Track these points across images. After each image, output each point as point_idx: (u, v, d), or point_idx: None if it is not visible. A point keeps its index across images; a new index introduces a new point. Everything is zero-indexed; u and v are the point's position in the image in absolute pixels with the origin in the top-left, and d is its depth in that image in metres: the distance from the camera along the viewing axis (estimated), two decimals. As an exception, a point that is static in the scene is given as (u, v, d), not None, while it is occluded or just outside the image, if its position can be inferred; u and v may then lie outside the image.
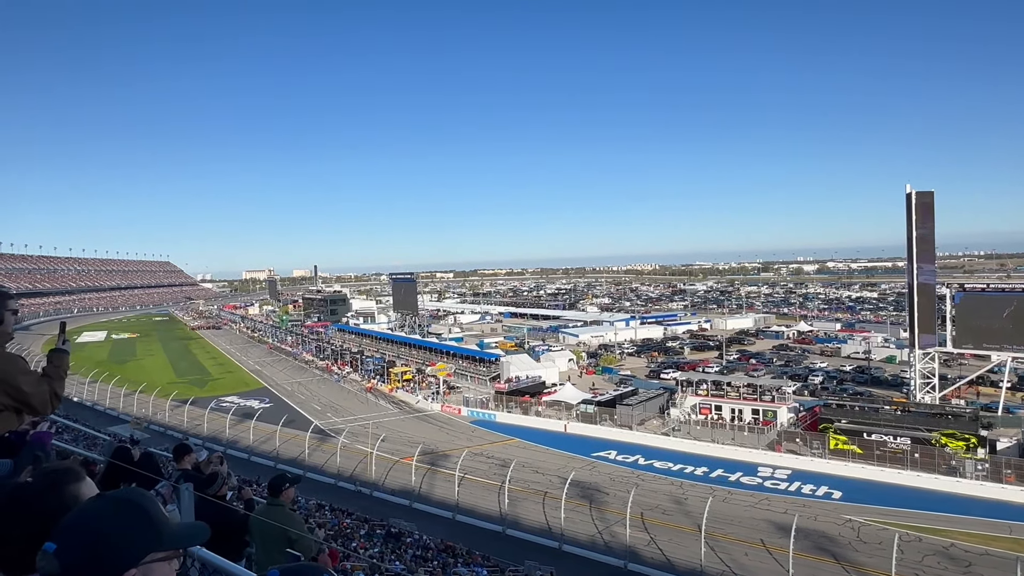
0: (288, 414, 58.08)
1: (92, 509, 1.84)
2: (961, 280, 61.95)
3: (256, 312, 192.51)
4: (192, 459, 7.51)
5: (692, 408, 55.59)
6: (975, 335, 53.74)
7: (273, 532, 5.80)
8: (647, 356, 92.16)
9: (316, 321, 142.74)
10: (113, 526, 1.76)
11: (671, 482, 41.22)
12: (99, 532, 1.75)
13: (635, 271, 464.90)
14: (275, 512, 6.14)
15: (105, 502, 1.86)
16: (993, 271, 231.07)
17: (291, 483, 6.46)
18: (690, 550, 29.21)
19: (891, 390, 62.61)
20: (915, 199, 53.24)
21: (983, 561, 28.51)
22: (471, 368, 79.61)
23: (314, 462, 45.03)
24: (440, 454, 47.26)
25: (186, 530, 2.07)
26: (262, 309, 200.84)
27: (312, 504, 30.88)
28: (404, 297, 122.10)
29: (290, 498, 6.45)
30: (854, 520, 33.80)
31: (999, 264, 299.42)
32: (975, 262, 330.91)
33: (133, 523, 1.79)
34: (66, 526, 1.76)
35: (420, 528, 30.28)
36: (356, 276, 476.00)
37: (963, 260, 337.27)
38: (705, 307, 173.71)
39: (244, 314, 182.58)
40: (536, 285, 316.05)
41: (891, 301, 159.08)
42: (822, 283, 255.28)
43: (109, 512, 1.80)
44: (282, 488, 6.32)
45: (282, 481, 6.39)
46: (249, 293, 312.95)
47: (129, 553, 1.74)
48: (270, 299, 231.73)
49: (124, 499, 1.87)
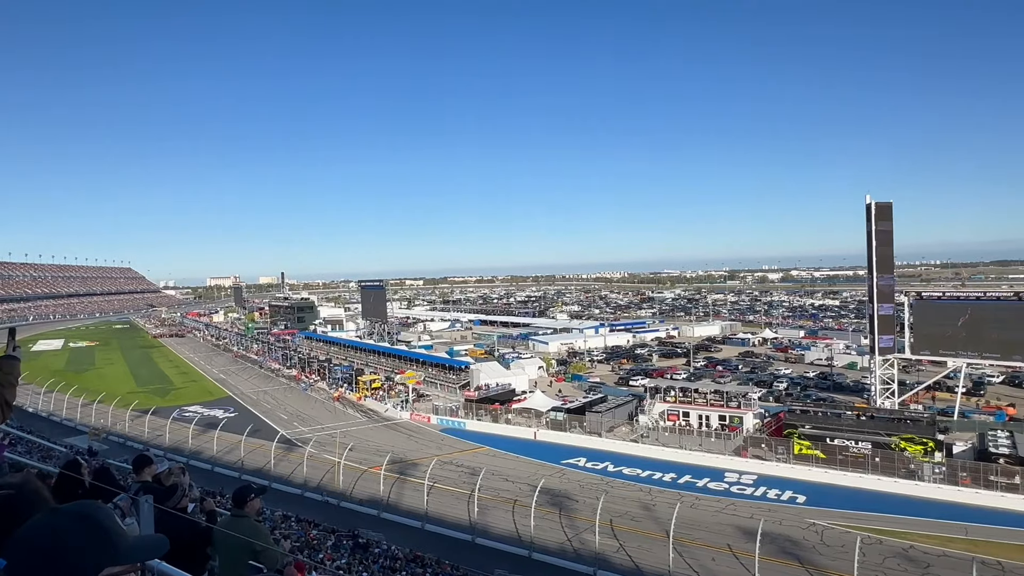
0: (254, 424, 57.04)
1: (44, 523, 1.77)
2: (919, 289, 63.76)
3: (221, 320, 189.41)
4: (152, 470, 7.30)
5: (660, 415, 56.12)
6: (932, 342, 55.39)
7: (237, 544, 5.66)
8: (616, 363, 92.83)
9: (283, 329, 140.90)
10: (66, 540, 1.71)
11: (640, 488, 41.50)
12: (51, 547, 1.69)
13: (604, 279, 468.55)
14: (239, 524, 5.99)
15: (58, 516, 1.80)
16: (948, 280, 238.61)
17: (256, 494, 6.32)
18: (659, 556, 29.41)
19: (853, 396, 64.08)
20: (875, 209, 54.76)
21: (941, 562, 29.27)
22: (441, 376, 79.23)
23: (280, 472, 44.26)
24: (409, 463, 46.85)
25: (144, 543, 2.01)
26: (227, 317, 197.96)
27: (278, 515, 30.33)
28: (373, 304, 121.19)
29: (255, 509, 6.30)
30: (818, 524, 34.41)
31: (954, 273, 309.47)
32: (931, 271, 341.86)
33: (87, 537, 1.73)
34: (16, 541, 1.70)
35: (388, 538, 29.97)
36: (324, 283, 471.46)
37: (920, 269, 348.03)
38: (673, 315, 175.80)
39: (209, 322, 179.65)
40: (506, 292, 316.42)
41: (852, 309, 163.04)
42: (786, 291, 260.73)
43: (62, 526, 1.74)
44: (246, 499, 6.18)
45: (246, 492, 6.25)
46: (214, 300, 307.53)
47: (83, 568, 1.68)
48: (236, 306, 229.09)
49: (77, 512, 1.81)
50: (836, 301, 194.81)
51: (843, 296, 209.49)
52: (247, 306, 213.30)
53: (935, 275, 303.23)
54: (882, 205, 54.99)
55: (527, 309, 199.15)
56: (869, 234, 55.14)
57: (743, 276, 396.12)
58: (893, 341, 56.22)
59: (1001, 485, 37.26)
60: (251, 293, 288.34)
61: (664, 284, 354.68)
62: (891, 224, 55.29)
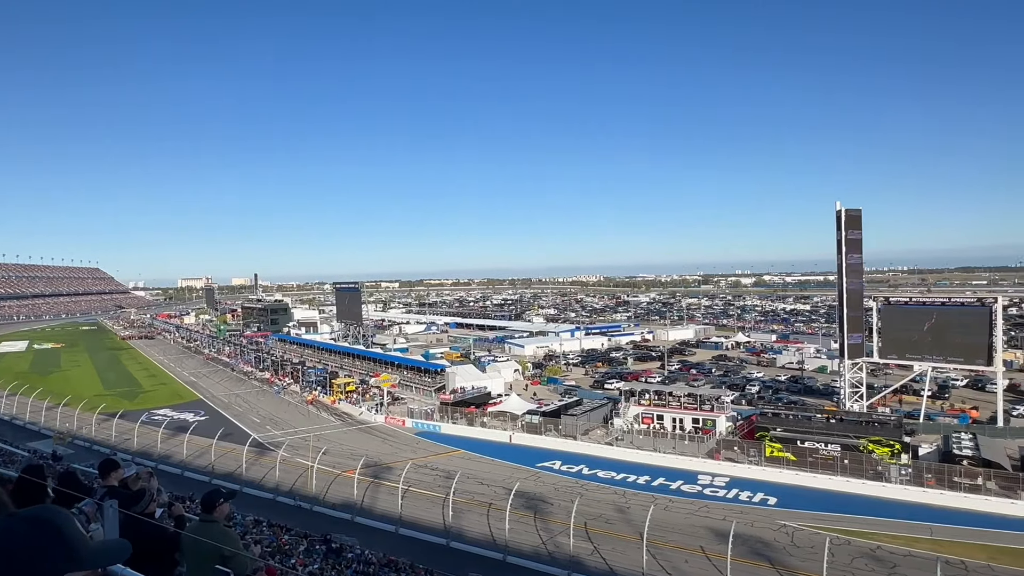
0: (225, 427, 56.18)
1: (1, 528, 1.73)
2: (887, 294, 65.16)
3: (192, 321, 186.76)
4: (120, 475, 7.18)
5: (635, 418, 56.51)
6: (899, 346, 56.71)
7: (205, 550, 5.58)
8: (591, 366, 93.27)
9: (256, 331, 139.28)
10: (24, 545, 1.67)
11: (614, 491, 41.70)
12: (9, 552, 1.65)
13: (580, 282, 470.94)
14: (208, 529, 5.91)
15: (16, 521, 1.75)
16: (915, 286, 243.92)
17: (225, 498, 6.23)
18: (632, 558, 29.57)
19: (823, 399, 65.20)
20: (844, 216, 55.85)
21: (907, 562, 29.89)
22: (416, 379, 78.87)
23: (252, 476, 43.64)
24: (383, 467, 46.52)
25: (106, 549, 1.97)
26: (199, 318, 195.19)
27: (249, 520, 29.86)
28: (348, 307, 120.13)
29: (224, 514, 6.21)
30: (788, 525, 34.91)
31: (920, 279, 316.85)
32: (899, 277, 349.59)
33: (46, 542, 1.69)
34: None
35: (362, 543, 29.68)
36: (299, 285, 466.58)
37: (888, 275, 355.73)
38: (648, 318, 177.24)
39: (179, 323, 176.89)
40: (483, 296, 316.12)
41: (823, 313, 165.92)
42: (759, 296, 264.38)
43: (18, 530, 1.70)
44: (216, 504, 6.09)
45: (216, 496, 6.16)
46: (185, 302, 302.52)
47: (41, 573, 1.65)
48: (207, 308, 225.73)
49: (35, 517, 1.77)
50: (807, 306, 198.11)
51: (814, 301, 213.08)
52: (219, 308, 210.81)
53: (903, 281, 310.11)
54: (851, 212, 56.08)
55: (503, 312, 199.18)
56: (839, 242, 56.23)
57: (717, 280, 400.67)
58: (862, 345, 57.37)
59: (964, 486, 38.20)
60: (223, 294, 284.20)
61: (639, 288, 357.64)
62: (860, 232, 56.42)
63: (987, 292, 75.76)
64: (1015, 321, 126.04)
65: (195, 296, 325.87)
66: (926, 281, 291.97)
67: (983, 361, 53.29)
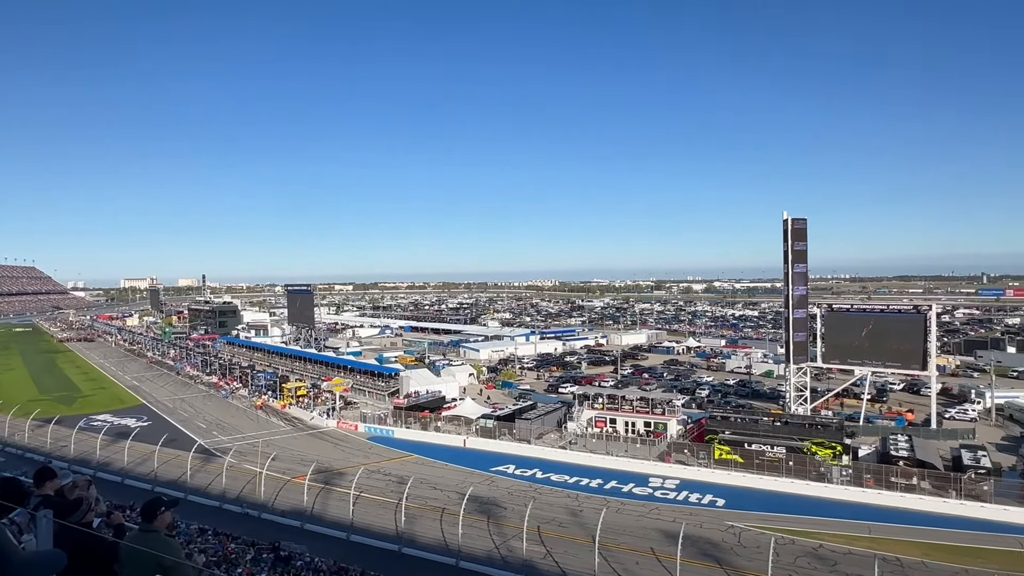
0: (169, 433, 54.39)
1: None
2: (830, 301, 67.51)
3: (136, 323, 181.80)
4: (55, 484, 6.90)
5: (588, 421, 57.07)
6: (841, 351, 58.90)
7: (145, 560, 5.41)
8: (546, 370, 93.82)
9: (203, 334, 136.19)
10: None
11: (567, 495, 41.99)
12: (-68, 566, 1.58)
13: (536, 287, 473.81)
14: (148, 539, 5.74)
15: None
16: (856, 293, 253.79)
17: (167, 507, 6.06)
18: (585, 561, 29.82)
19: (769, 402, 67.06)
20: (791, 224, 57.70)
21: (847, 560, 30.96)
22: (369, 383, 77.99)
23: (197, 484, 42.34)
24: (335, 472, 45.77)
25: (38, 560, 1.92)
26: (142, 320, 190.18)
27: (194, 529, 28.96)
28: (300, 309, 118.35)
29: (166, 523, 6.03)
30: (736, 526, 35.75)
31: (862, 287, 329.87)
32: (842, 285, 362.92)
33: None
34: None
35: (312, 550, 29.10)
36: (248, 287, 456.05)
37: (832, 283, 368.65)
38: (602, 323, 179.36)
39: (122, 325, 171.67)
40: (438, 299, 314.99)
41: (770, 319, 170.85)
42: (709, 302, 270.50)
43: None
44: (156, 512, 5.91)
45: (156, 505, 5.98)
46: (128, 303, 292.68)
47: (-32, 587, 1.59)
48: (152, 309, 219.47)
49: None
50: (755, 312, 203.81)
51: (762, 307, 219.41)
52: (164, 309, 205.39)
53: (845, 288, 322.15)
54: (797, 223, 57.93)
55: (459, 316, 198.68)
56: (786, 253, 58.04)
57: (669, 286, 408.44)
58: (806, 352, 59.32)
59: (900, 486, 39.85)
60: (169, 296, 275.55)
61: (594, 293, 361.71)
62: (806, 244, 58.34)
63: (922, 300, 79.19)
64: (948, 328, 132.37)
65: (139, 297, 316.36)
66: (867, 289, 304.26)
67: (918, 366, 55.79)
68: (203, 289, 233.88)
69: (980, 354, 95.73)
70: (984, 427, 56.93)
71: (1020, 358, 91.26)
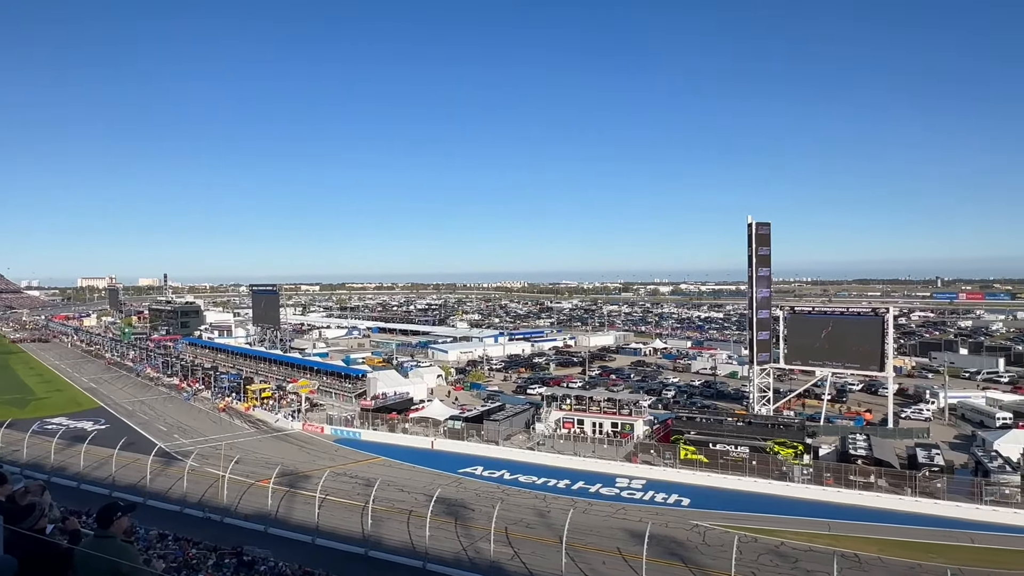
0: (128, 436, 53.09)
1: None
2: (792, 303, 69.03)
3: (93, 324, 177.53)
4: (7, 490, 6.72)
5: (556, 422, 57.34)
6: (802, 353, 60.25)
7: (100, 566, 5.29)
8: (515, 372, 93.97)
9: (165, 334, 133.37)
10: None
11: (535, 496, 42.11)
12: None
13: (505, 288, 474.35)
14: (104, 544, 5.60)
15: None
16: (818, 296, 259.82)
17: (124, 511, 5.92)
18: (552, 561, 29.95)
19: (734, 403, 68.25)
20: (755, 228, 58.80)
21: (807, 557, 31.67)
22: (336, 385, 77.19)
23: (157, 488, 41.38)
24: (300, 475, 45.16)
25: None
26: (101, 320, 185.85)
27: (153, 534, 28.32)
28: (265, 310, 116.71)
29: (122, 528, 5.89)
30: (701, 525, 36.28)
31: (823, 290, 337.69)
32: (804, 287, 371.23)
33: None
34: None
35: (276, 554, 28.66)
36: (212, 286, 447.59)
37: (794, 285, 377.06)
38: (570, 324, 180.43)
39: (79, 325, 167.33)
40: (406, 300, 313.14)
41: (734, 321, 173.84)
42: (676, 304, 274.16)
43: None
44: (112, 517, 5.78)
45: (112, 510, 5.84)
46: (86, 303, 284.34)
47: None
48: (111, 309, 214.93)
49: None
50: (720, 314, 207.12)
51: (727, 309, 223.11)
52: (124, 309, 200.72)
53: (807, 291, 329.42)
54: (762, 228, 59.03)
55: (427, 317, 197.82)
56: (750, 257, 59.10)
57: (636, 288, 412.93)
58: (769, 353, 60.53)
59: (859, 484, 40.92)
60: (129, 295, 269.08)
61: (562, 295, 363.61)
62: (769, 249, 59.50)
63: (880, 303, 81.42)
64: (904, 330, 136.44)
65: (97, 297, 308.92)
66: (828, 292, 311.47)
67: (876, 367, 57.37)
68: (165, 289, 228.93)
69: (934, 355, 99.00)
70: (938, 426, 58.78)
71: (972, 359, 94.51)
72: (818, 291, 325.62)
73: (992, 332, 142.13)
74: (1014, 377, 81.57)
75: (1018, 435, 47.95)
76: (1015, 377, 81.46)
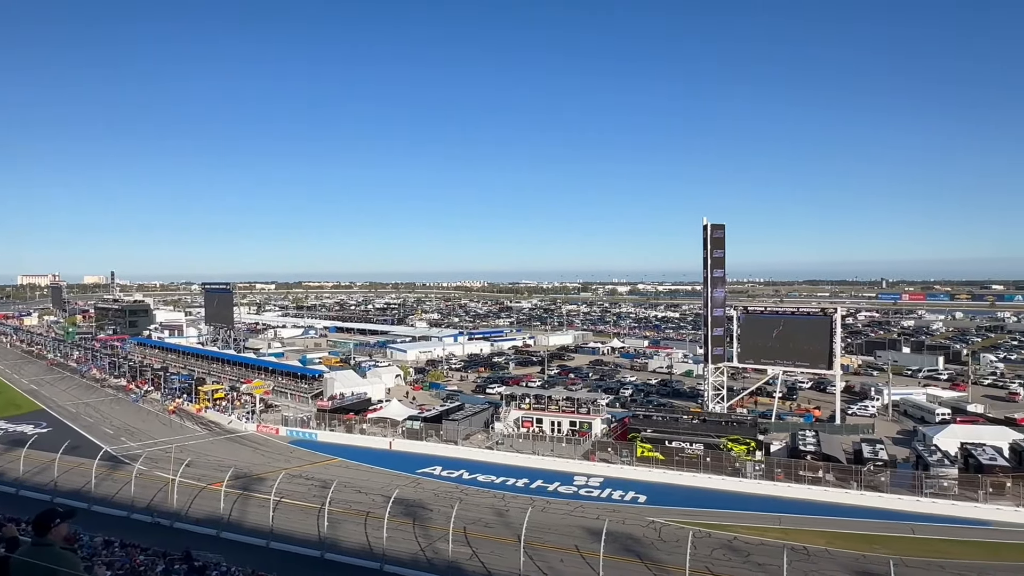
0: (71, 440, 51.21)
1: None
2: (745, 304, 70.67)
3: (35, 323, 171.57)
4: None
5: (515, 421, 57.48)
6: (755, 352, 61.77)
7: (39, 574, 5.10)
8: (474, 371, 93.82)
9: (112, 334, 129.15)
10: None
11: (494, 495, 42.13)
12: None
13: (464, 287, 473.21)
14: (42, 552, 5.40)
15: None
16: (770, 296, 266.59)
17: (63, 518, 5.72)
18: (510, 560, 30.01)
19: (689, 401, 69.55)
20: (710, 230, 60.02)
21: (759, 550, 32.49)
22: (292, 385, 75.86)
23: (103, 493, 39.94)
24: (254, 477, 44.22)
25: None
26: (43, 320, 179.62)
27: (98, 541, 27.30)
28: (218, 309, 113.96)
29: (62, 535, 5.68)
30: (656, 521, 36.86)
31: (775, 290, 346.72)
32: (756, 288, 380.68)
33: None
34: None
35: (228, 559, 27.95)
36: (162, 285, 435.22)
37: (747, 286, 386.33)
38: (530, 324, 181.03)
39: (19, 325, 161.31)
40: (365, 299, 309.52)
41: (690, 321, 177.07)
42: (633, 303, 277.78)
43: None
44: (51, 524, 5.57)
45: (50, 516, 5.63)
46: (26, 301, 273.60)
47: None
48: (54, 308, 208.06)
49: None
50: (676, 313, 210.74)
51: (683, 309, 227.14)
52: (68, 308, 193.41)
53: (759, 292, 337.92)
54: (716, 231, 60.27)
55: (386, 316, 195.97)
56: (705, 259, 60.32)
57: (595, 288, 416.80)
58: (724, 352, 61.87)
59: (808, 479, 42.18)
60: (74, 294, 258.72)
61: (522, 294, 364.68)
62: (724, 251, 60.80)
63: (829, 304, 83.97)
64: (851, 330, 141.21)
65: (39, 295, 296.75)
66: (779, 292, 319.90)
67: (825, 365, 59.21)
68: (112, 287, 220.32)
69: (879, 354, 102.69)
70: (882, 422, 61.02)
71: (914, 358, 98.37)
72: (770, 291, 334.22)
73: (933, 332, 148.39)
74: (952, 375, 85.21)
75: (956, 430, 50.10)
76: (953, 375, 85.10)
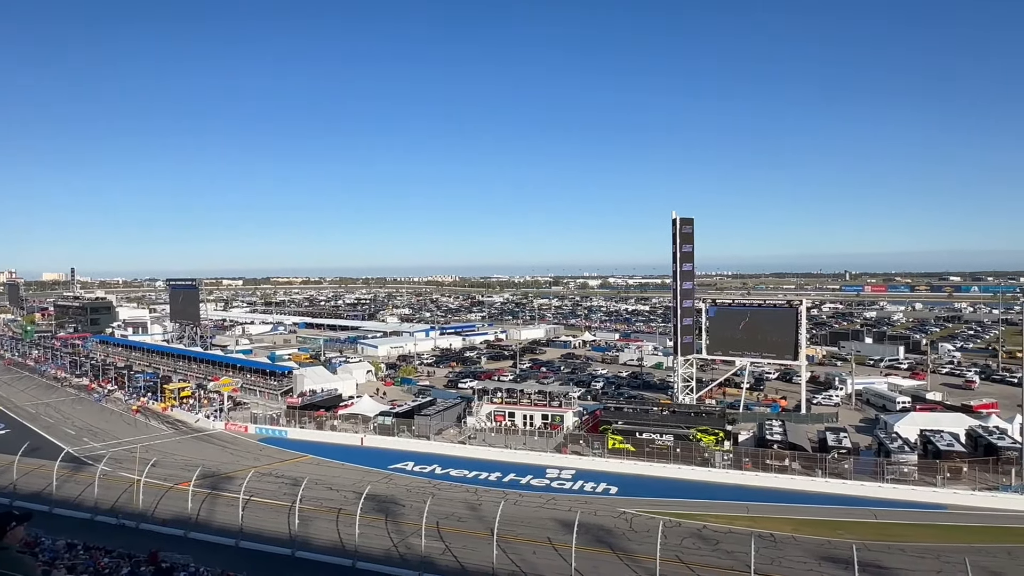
0: (31, 441, 49.92)
1: None
2: (714, 296, 71.73)
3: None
4: None
5: (488, 416, 57.55)
6: (723, 344, 62.78)
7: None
8: (446, 366, 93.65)
9: (72, 332, 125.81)
10: None
11: (467, 489, 42.18)
12: None
13: (436, 282, 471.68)
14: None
15: None
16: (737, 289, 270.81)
17: (19, 521, 5.56)
18: (483, 554, 30.07)
19: (659, 393, 70.40)
20: (679, 224, 60.63)
21: (727, 538, 33.11)
22: (261, 382, 74.78)
23: (65, 495, 38.96)
24: (223, 476, 43.56)
25: None
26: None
27: (61, 544, 26.68)
28: (184, 305, 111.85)
29: (18, 538, 5.53)
30: (627, 512, 37.30)
31: (742, 283, 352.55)
32: (724, 281, 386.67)
33: None
34: None
35: (197, 559, 27.56)
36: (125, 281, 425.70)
37: (716, 279, 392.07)
38: (502, 318, 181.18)
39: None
40: (335, 295, 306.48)
41: (660, 314, 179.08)
42: (604, 297, 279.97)
43: None
44: (6, 528, 5.42)
45: (5, 520, 5.48)
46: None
47: None
48: (10, 306, 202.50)
49: None
50: (647, 307, 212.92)
51: (653, 302, 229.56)
52: (26, 305, 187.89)
53: (727, 284, 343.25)
54: (685, 225, 60.83)
55: (356, 312, 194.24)
56: (675, 253, 60.90)
57: (566, 282, 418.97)
58: (693, 344, 62.71)
59: (775, 467, 43.11)
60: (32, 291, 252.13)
61: (493, 289, 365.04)
62: (693, 246, 61.44)
63: (794, 296, 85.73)
64: (816, 321, 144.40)
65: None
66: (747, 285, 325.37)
67: (791, 356, 60.45)
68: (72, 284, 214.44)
69: (843, 344, 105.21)
70: (846, 411, 62.55)
71: (876, 348, 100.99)
72: (738, 284, 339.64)
73: (894, 322, 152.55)
74: (912, 364, 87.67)
75: (915, 418, 51.62)
76: (913, 364, 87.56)
